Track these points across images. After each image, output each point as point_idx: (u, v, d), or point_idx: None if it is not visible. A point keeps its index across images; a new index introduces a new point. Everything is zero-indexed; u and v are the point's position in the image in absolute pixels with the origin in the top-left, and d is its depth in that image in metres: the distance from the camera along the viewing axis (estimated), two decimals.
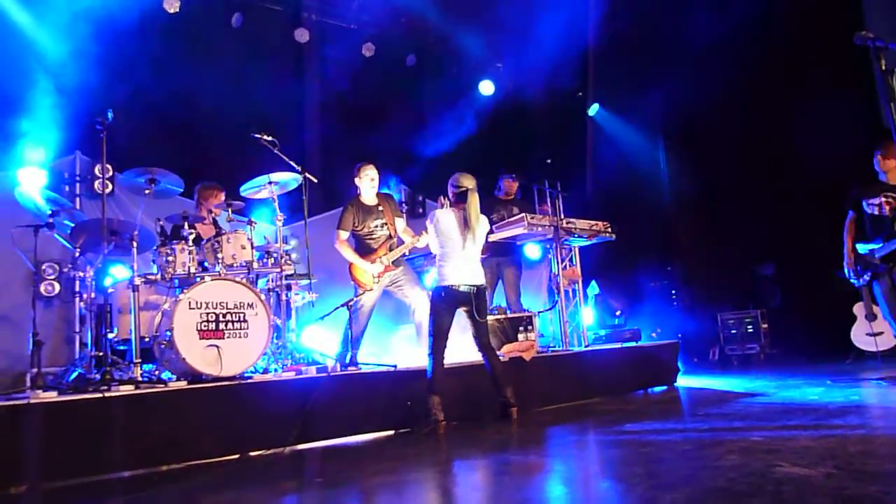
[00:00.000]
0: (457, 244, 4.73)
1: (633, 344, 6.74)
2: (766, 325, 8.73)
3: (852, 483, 2.50)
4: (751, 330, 8.77)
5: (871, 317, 7.35)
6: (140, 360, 4.34)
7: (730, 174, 8.91)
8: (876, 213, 5.29)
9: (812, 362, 5.71)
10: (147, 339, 4.65)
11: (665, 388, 6.39)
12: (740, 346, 8.79)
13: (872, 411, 4.14)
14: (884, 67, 2.97)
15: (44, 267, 5.87)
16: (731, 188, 8.93)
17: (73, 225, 4.92)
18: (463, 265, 4.72)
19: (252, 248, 4.96)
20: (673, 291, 9.83)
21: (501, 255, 6.79)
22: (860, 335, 7.44)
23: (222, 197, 5.60)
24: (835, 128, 7.29)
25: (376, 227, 5.83)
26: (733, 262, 9.04)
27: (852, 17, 7.78)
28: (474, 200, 4.78)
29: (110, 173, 6.24)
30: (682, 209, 9.89)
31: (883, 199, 5.24)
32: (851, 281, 5.57)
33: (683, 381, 6.67)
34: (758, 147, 8.35)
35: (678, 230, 9.96)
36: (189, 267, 4.64)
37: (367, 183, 5.82)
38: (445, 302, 4.68)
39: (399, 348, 6.46)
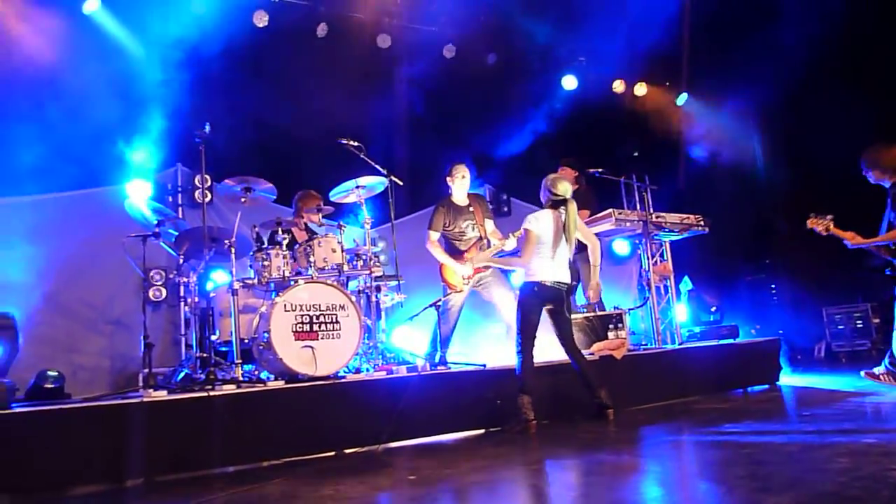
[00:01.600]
0: (549, 246, 4.70)
1: (730, 341, 6.47)
2: (877, 320, 8.15)
3: None
4: (860, 325, 8.23)
5: None
6: (241, 361, 4.56)
7: (834, 159, 8.38)
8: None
9: None
10: (246, 341, 4.86)
11: (766, 387, 6.09)
12: (849, 342, 8.27)
13: None
14: None
15: (152, 273, 6.27)
16: (834, 174, 8.39)
17: (176, 233, 5.22)
18: (552, 263, 4.69)
19: (342, 251, 5.10)
20: (772, 285, 9.35)
21: (578, 251, 6.58)
22: None
23: (317, 204, 5.78)
24: None
25: (467, 227, 5.87)
26: (839, 252, 8.47)
27: None
28: (572, 209, 4.74)
29: (209, 183, 6.58)
30: (779, 199, 9.39)
31: None
32: None
33: (786, 380, 6.34)
34: (866, 128, 7.80)
35: (776, 221, 9.46)
36: (284, 271, 4.82)
37: (460, 182, 5.88)
38: (534, 298, 4.64)
39: (488, 347, 6.48)
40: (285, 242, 4.93)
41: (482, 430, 4.61)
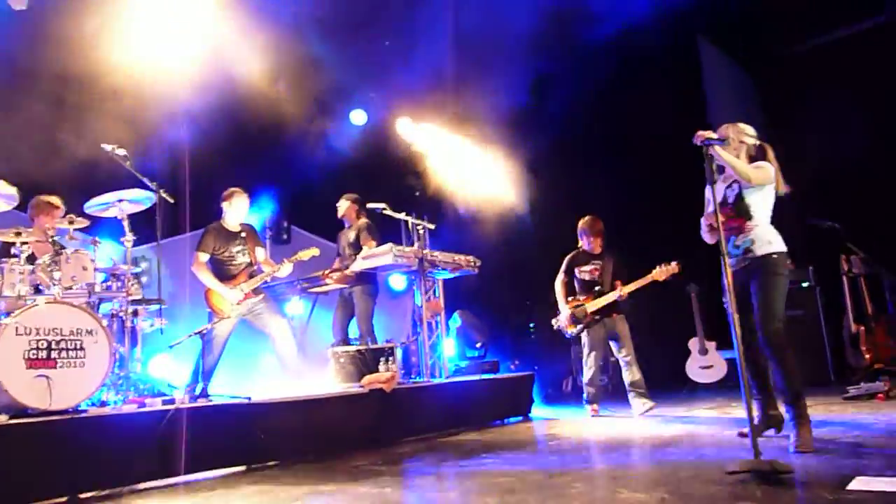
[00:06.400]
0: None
1: (491, 375, 6.90)
2: (613, 359, 9.21)
3: None
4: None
5: (703, 351, 8.04)
6: None
7: (597, 208, 9.39)
8: (587, 278, 6.52)
9: (652, 393, 6.20)
10: None
11: (521, 418, 6.59)
12: None
13: (702, 439, 4.49)
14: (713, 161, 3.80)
15: None
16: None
17: None
18: None
19: (94, 269, 4.61)
20: (531, 324, 10.20)
21: (356, 284, 6.61)
22: (694, 368, 8.11)
23: (59, 213, 5.17)
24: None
25: (238, 252, 5.68)
26: None
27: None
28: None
29: None
30: (543, 244, 10.32)
31: (592, 267, 6.51)
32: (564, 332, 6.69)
33: (538, 412, 6.92)
34: (612, 187, 8.90)
35: (538, 265, 10.37)
36: (19, 288, 4.22)
37: (236, 207, 5.71)
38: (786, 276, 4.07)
39: (257, 379, 6.23)
40: (24, 255, 4.32)
41: (244, 467, 4.39)
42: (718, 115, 8.98)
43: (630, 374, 6.32)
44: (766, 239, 4.12)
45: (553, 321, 6.73)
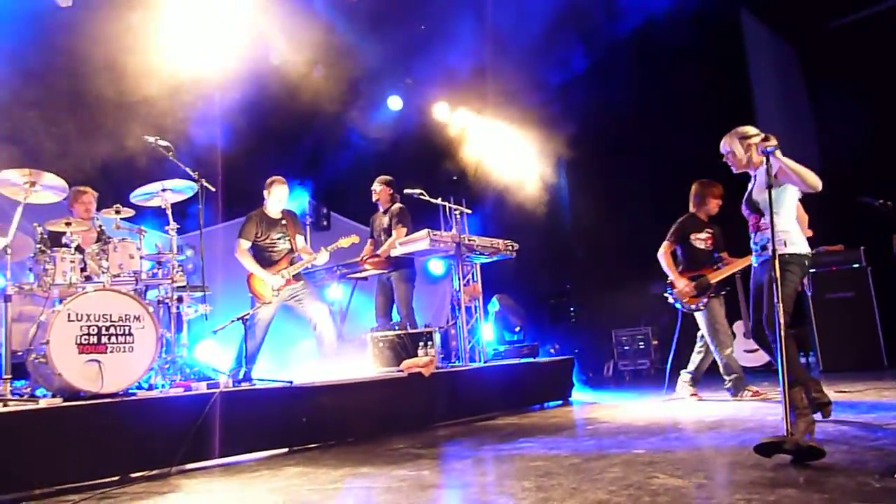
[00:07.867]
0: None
1: (530, 359, 6.89)
2: (656, 342, 9.12)
3: (720, 492, 2.66)
4: (642, 346, 9.14)
5: (748, 334, 7.87)
6: (10, 377, 4.05)
7: (627, 195, 9.26)
8: (702, 246, 5.92)
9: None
10: (20, 354, 4.35)
11: (560, 402, 6.57)
12: (632, 362, 9.15)
13: (744, 424, 4.41)
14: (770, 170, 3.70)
15: None
16: (626, 207, 9.29)
17: None
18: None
19: (141, 257, 4.75)
20: (571, 308, 10.13)
21: (394, 269, 6.66)
22: (739, 351, 7.94)
23: (89, 198, 5.34)
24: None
25: (279, 239, 5.79)
26: (627, 279, 9.39)
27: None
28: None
29: None
30: (580, 229, 10.24)
31: (707, 235, 5.93)
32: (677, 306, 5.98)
33: (578, 396, 6.89)
34: (650, 170, 8.76)
35: (576, 249, 10.29)
36: (70, 276, 4.38)
37: (277, 198, 5.82)
38: (800, 275, 4.09)
39: (299, 363, 6.35)
40: (74, 245, 4.48)
41: (286, 449, 4.49)
42: (763, 88, 8.73)
43: (701, 361, 6.01)
44: (780, 239, 3.98)
45: (667, 294, 5.99)
